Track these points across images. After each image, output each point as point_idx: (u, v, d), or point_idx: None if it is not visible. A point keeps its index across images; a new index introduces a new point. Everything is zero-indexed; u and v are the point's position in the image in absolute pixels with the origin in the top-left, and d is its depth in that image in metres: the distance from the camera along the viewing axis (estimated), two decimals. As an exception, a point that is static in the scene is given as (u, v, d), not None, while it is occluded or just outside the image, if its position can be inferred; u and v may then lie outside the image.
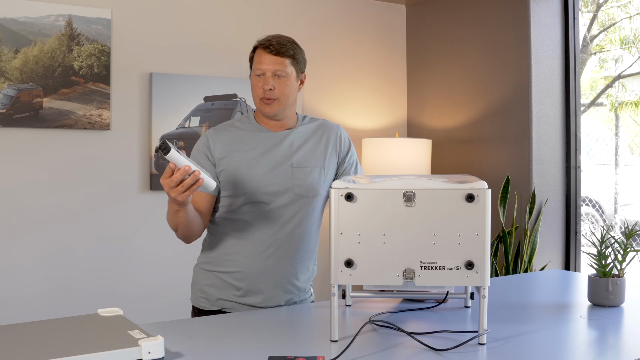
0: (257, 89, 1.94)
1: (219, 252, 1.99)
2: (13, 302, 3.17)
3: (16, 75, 3.13)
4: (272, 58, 1.92)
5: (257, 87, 1.94)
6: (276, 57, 1.92)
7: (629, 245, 1.82)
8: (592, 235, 1.92)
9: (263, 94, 1.93)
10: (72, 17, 3.25)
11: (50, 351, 1.26)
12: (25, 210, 3.20)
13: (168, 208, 1.87)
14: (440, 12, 4.14)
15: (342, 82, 4.15)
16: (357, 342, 1.48)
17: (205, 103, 3.60)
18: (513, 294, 2.07)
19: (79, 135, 3.32)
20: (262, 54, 1.93)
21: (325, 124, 2.09)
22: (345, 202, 1.46)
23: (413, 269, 1.45)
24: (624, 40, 5.53)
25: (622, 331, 1.64)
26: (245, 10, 3.79)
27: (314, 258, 2.08)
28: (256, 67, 1.94)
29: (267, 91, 1.92)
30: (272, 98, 1.93)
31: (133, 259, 3.46)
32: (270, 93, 1.92)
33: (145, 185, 3.48)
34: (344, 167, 2.07)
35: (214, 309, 1.99)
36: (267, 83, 1.92)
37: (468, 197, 1.43)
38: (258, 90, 1.94)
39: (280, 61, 1.92)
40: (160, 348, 1.31)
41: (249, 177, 1.93)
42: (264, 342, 1.52)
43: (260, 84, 1.93)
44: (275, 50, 1.92)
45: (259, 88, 1.93)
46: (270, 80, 1.92)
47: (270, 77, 1.92)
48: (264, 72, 1.92)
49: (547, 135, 3.57)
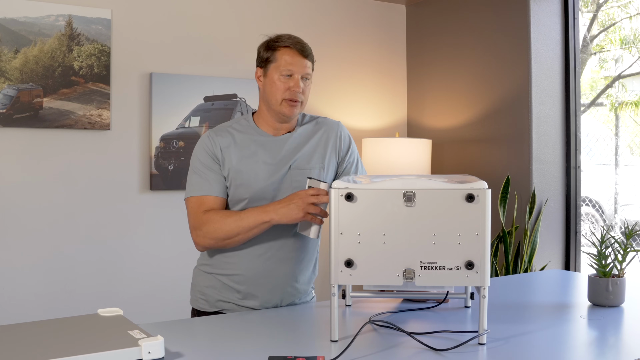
0: (282, 90, 1.90)
1: (219, 255, 1.98)
2: (13, 302, 3.17)
3: (16, 75, 3.13)
4: (303, 60, 1.91)
5: (282, 87, 1.90)
6: (305, 60, 1.91)
7: (629, 245, 1.82)
8: (592, 235, 1.92)
9: (290, 95, 1.90)
10: (72, 17, 3.25)
11: (50, 351, 1.26)
12: (25, 210, 3.20)
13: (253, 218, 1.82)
14: (440, 12, 4.14)
15: (342, 82, 4.15)
16: (357, 342, 1.48)
17: (205, 103, 3.60)
18: (513, 294, 2.07)
19: (79, 135, 3.32)
20: (293, 55, 1.90)
21: (325, 122, 2.06)
22: (345, 202, 1.46)
23: (413, 269, 1.45)
24: (624, 40, 5.53)
25: (622, 331, 1.64)
26: (246, 10, 3.79)
27: (314, 260, 2.07)
28: (284, 67, 1.89)
29: (297, 94, 1.90)
30: (299, 100, 1.91)
31: (133, 258, 3.46)
32: (299, 96, 1.91)
33: (145, 185, 3.48)
34: (344, 165, 2.04)
35: (213, 310, 1.99)
36: (297, 85, 1.89)
37: (468, 197, 1.43)
38: (283, 91, 1.90)
39: (307, 64, 1.92)
40: (160, 348, 1.31)
41: (249, 183, 1.92)
42: (264, 342, 1.52)
43: (287, 84, 1.90)
44: (305, 53, 1.92)
45: (286, 89, 1.90)
46: (300, 82, 1.90)
47: (299, 79, 1.90)
48: (294, 74, 1.90)
49: (547, 135, 3.57)
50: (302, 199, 1.77)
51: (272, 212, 1.80)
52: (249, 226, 1.83)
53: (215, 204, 1.91)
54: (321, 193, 1.77)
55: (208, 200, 1.90)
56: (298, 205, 1.77)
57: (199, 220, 1.88)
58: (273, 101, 1.92)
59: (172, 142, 3.50)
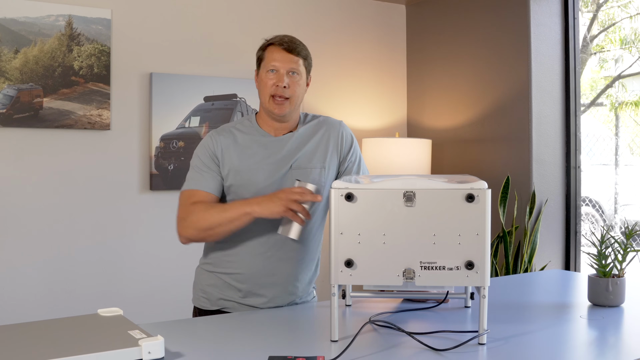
0: (268, 86, 1.90)
1: (220, 254, 1.98)
2: (13, 302, 3.17)
3: (16, 75, 3.13)
4: (287, 56, 1.90)
5: (268, 83, 1.90)
6: (291, 55, 1.90)
7: (629, 245, 1.82)
8: (592, 235, 1.92)
9: (275, 91, 1.89)
10: (72, 17, 3.25)
11: (50, 351, 1.26)
12: (25, 210, 3.20)
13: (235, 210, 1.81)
14: (440, 12, 4.14)
15: (342, 82, 4.15)
16: (357, 342, 1.48)
17: (205, 103, 3.60)
18: (513, 294, 2.07)
19: (79, 135, 3.32)
20: (277, 51, 1.90)
21: (327, 121, 2.05)
22: (345, 202, 1.46)
23: (413, 269, 1.45)
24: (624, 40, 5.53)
25: (622, 331, 1.64)
26: (246, 10, 3.79)
27: (316, 259, 2.07)
28: (269, 63, 1.90)
29: (282, 89, 1.89)
30: (285, 97, 1.90)
31: (133, 258, 3.46)
32: (284, 91, 1.89)
33: (145, 185, 3.48)
34: (346, 165, 2.03)
35: (214, 308, 1.99)
36: (281, 80, 1.89)
37: (468, 197, 1.43)
38: (269, 87, 1.90)
39: (294, 59, 1.91)
40: (161, 348, 1.31)
41: (249, 183, 1.92)
42: (264, 342, 1.52)
43: (272, 80, 1.89)
44: (290, 48, 1.90)
45: (271, 85, 1.90)
46: (285, 77, 1.89)
47: (284, 74, 1.89)
48: (278, 69, 1.89)
49: (547, 135, 3.57)
50: (285, 194, 1.76)
51: (255, 204, 1.79)
52: (231, 217, 1.81)
53: (205, 198, 1.91)
54: (306, 192, 1.76)
55: (199, 194, 1.90)
56: (281, 199, 1.75)
57: (185, 211, 1.88)
58: (262, 99, 1.93)
59: (172, 142, 3.50)
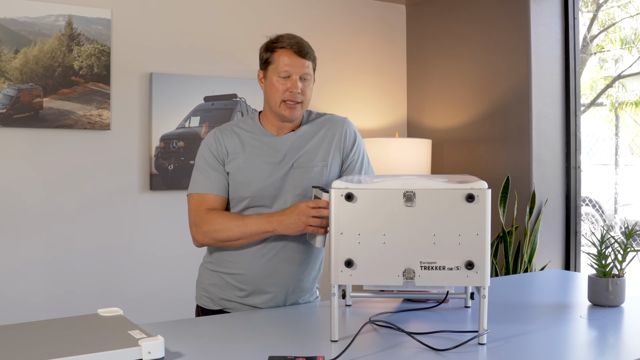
0: (280, 92, 1.89)
1: (222, 253, 1.98)
2: (13, 302, 3.17)
3: (16, 75, 3.13)
4: (299, 60, 1.89)
5: (280, 89, 1.89)
6: (303, 60, 1.89)
7: (629, 245, 1.82)
8: (592, 235, 1.92)
9: (289, 97, 1.89)
10: (72, 17, 3.25)
11: (50, 351, 1.26)
12: (25, 210, 3.20)
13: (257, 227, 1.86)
14: (440, 12, 4.14)
15: (342, 82, 4.15)
16: (357, 342, 1.48)
17: (205, 103, 3.60)
18: (513, 294, 2.07)
19: (79, 135, 3.32)
20: (290, 56, 1.89)
21: (331, 119, 2.04)
22: (345, 202, 1.46)
23: (413, 269, 1.45)
24: (624, 40, 5.53)
25: (622, 331, 1.64)
26: (245, 10, 3.79)
27: (320, 260, 2.06)
28: (281, 69, 1.89)
29: (295, 94, 1.89)
30: (298, 101, 1.90)
31: (133, 258, 3.46)
32: (297, 96, 1.89)
33: (145, 185, 3.48)
34: (349, 162, 2.02)
35: (216, 308, 1.99)
36: (295, 86, 1.88)
37: (468, 197, 1.43)
38: (281, 92, 1.89)
39: (306, 64, 1.90)
40: (161, 348, 1.31)
41: (251, 182, 1.92)
42: (264, 342, 1.52)
43: (285, 86, 1.89)
44: (302, 52, 1.89)
45: (284, 90, 1.89)
46: (298, 82, 1.89)
47: (297, 80, 1.89)
48: (292, 75, 1.89)
49: (547, 135, 3.57)
50: (303, 212, 1.80)
51: (276, 223, 1.84)
52: (252, 233, 1.87)
53: (216, 202, 1.93)
54: (322, 205, 1.78)
55: (209, 199, 1.93)
56: (300, 218, 1.80)
57: (199, 218, 1.91)
58: (273, 103, 1.92)
59: (172, 142, 3.50)
